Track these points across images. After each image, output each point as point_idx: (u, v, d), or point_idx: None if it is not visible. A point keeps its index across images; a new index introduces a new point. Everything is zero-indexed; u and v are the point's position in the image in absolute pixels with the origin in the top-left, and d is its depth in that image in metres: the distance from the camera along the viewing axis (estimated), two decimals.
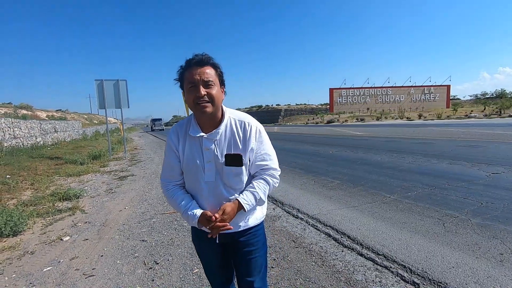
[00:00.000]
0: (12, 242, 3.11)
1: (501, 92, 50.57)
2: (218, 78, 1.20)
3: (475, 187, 4.34)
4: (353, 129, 20.78)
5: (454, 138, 11.10)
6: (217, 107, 1.19)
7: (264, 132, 1.30)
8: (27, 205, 4.38)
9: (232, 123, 1.25)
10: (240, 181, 1.24)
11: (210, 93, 1.15)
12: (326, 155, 8.69)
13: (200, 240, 1.33)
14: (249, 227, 1.30)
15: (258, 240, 1.34)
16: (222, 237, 1.27)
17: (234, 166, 1.21)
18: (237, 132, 1.23)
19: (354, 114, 48.48)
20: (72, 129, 21.01)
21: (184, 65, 1.19)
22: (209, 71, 1.16)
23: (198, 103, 1.14)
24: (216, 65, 1.20)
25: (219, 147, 1.22)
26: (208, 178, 1.22)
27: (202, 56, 1.17)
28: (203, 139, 1.22)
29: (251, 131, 1.25)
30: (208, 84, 1.15)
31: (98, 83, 10.15)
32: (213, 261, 1.38)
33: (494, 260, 2.34)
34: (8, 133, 11.85)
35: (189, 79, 1.15)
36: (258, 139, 1.26)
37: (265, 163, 1.28)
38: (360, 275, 2.25)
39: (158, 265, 2.54)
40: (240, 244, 1.30)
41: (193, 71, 1.15)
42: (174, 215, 3.86)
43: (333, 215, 3.58)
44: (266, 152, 1.29)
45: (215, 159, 1.21)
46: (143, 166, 8.38)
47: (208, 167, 1.21)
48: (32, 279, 2.39)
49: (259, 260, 1.34)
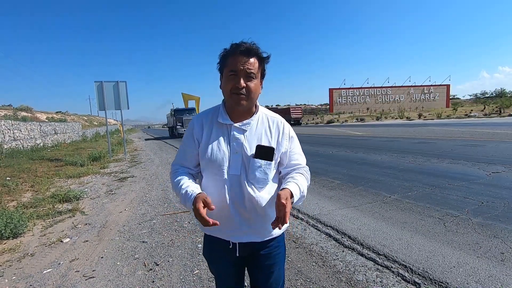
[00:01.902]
0: (12, 244, 3.10)
1: (501, 91, 50.65)
2: (260, 71, 1.13)
3: (475, 186, 4.34)
4: (353, 129, 20.78)
5: (454, 137, 11.10)
6: (252, 101, 1.14)
7: (295, 133, 1.26)
8: (27, 207, 4.38)
9: (264, 118, 1.19)
10: (266, 177, 1.14)
11: (249, 86, 1.08)
12: (326, 155, 8.69)
13: (216, 253, 1.23)
14: (272, 238, 1.19)
15: (280, 252, 1.24)
16: (242, 250, 1.17)
17: (263, 160, 1.12)
18: (270, 128, 1.18)
19: (354, 114, 48.51)
20: (72, 131, 21.03)
21: (229, 50, 1.10)
22: (253, 62, 1.09)
23: (235, 93, 1.08)
24: (262, 58, 1.12)
25: (249, 139, 1.14)
26: (233, 170, 1.11)
27: (251, 45, 1.09)
28: (233, 128, 1.14)
29: (284, 130, 1.20)
30: (250, 76, 1.08)
31: (98, 84, 10.15)
32: (230, 276, 1.25)
33: (495, 259, 2.34)
34: (8, 135, 11.86)
35: (231, 67, 1.08)
36: (291, 139, 1.22)
37: (298, 162, 1.23)
38: (361, 275, 2.24)
39: (159, 267, 2.53)
40: (261, 257, 1.20)
41: (238, 59, 1.07)
42: (174, 216, 3.86)
43: (333, 215, 3.58)
44: (299, 152, 1.25)
45: (243, 150, 1.12)
46: (143, 168, 8.38)
47: (234, 158, 1.12)
48: (32, 281, 2.39)
49: (279, 273, 1.25)
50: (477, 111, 34.24)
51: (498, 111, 31.90)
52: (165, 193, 5.13)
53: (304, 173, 1.21)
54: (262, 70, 1.14)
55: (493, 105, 36.82)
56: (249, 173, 1.12)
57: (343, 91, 57.49)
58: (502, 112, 30.61)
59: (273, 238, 1.20)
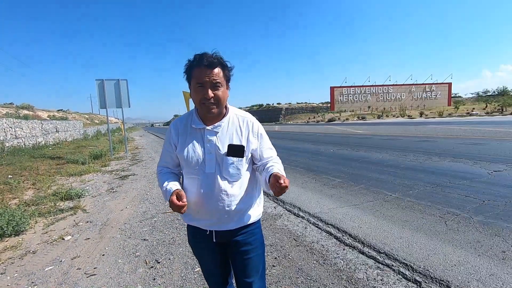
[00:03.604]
0: (14, 242, 3.12)
1: (503, 89, 50.33)
2: (225, 77, 1.22)
3: (477, 185, 4.32)
4: (354, 128, 20.74)
5: (456, 136, 11.06)
6: (222, 106, 1.23)
7: (263, 130, 1.36)
8: (29, 205, 4.40)
9: (234, 118, 1.29)
10: (239, 172, 1.26)
11: (217, 95, 1.18)
12: (327, 153, 8.68)
13: (197, 240, 1.34)
14: (245, 225, 1.30)
15: (256, 238, 1.34)
16: (219, 237, 1.28)
17: (235, 157, 1.22)
18: (240, 127, 1.28)
19: (355, 113, 48.38)
20: (74, 129, 21.06)
21: (194, 62, 1.17)
22: (217, 72, 1.17)
23: (205, 103, 1.18)
24: (225, 66, 1.21)
25: (221, 139, 1.24)
26: (208, 169, 1.22)
27: (213, 57, 1.16)
28: (206, 131, 1.24)
29: (253, 127, 1.30)
30: (216, 86, 1.17)
31: (99, 82, 10.16)
32: (210, 261, 1.37)
33: (496, 257, 2.33)
34: (10, 133, 11.89)
35: (197, 79, 1.16)
36: (259, 136, 1.32)
37: (269, 155, 1.34)
38: (362, 274, 2.25)
39: (160, 264, 2.54)
40: (237, 244, 1.30)
41: (203, 72, 1.15)
42: (175, 214, 3.87)
43: (334, 213, 3.57)
44: (270, 147, 1.36)
45: (216, 150, 1.23)
46: (144, 166, 8.39)
47: (208, 158, 1.22)
48: (34, 278, 2.40)
49: (257, 259, 1.33)
50: (479, 110, 34.11)
51: (500, 110, 31.77)
52: None
53: (278, 161, 1.33)
54: (226, 76, 1.23)
55: (495, 104, 36.64)
56: (223, 170, 1.23)
57: (344, 89, 57.29)
58: (504, 111, 30.49)
59: (247, 225, 1.31)
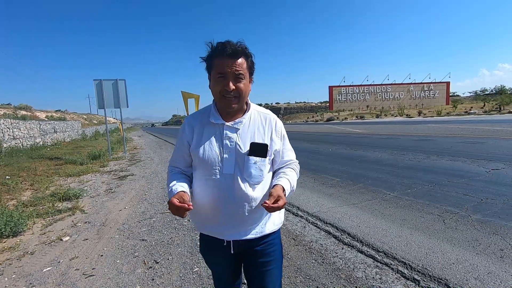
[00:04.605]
0: (12, 243, 3.10)
1: (501, 88, 50.54)
2: (248, 69, 1.12)
3: (475, 183, 4.34)
4: (353, 127, 20.77)
5: (454, 134, 11.10)
6: (243, 101, 1.14)
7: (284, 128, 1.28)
8: (27, 205, 4.38)
9: (256, 115, 1.20)
10: (261, 174, 1.14)
11: (239, 87, 1.08)
12: (326, 152, 8.68)
13: (212, 253, 1.25)
14: (265, 234, 1.19)
15: (275, 249, 1.23)
16: (236, 247, 1.17)
17: (257, 157, 1.12)
18: (262, 125, 1.18)
19: (353, 112, 48.46)
20: (72, 129, 21.01)
21: (216, 50, 1.08)
22: (241, 62, 1.08)
23: (225, 96, 1.09)
24: (249, 56, 1.11)
25: (242, 137, 1.13)
26: (226, 170, 1.11)
27: (237, 46, 1.07)
28: (225, 127, 1.14)
29: (277, 126, 1.21)
30: (239, 77, 1.08)
31: (97, 83, 10.12)
32: (225, 273, 1.27)
33: (495, 256, 2.34)
34: (8, 134, 11.84)
35: (219, 69, 1.07)
36: (282, 136, 1.23)
37: (289, 158, 1.26)
38: (360, 272, 2.25)
39: (158, 264, 2.54)
40: (255, 254, 1.19)
41: (225, 62, 1.06)
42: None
43: (333, 212, 3.58)
44: (290, 148, 1.28)
45: (236, 149, 1.11)
46: (143, 166, 8.37)
47: (227, 158, 1.11)
48: (32, 279, 2.39)
49: (275, 273, 1.22)
50: (477, 108, 34.25)
51: (498, 108, 31.89)
52: (164, 191, 5.12)
53: (295, 168, 1.26)
54: (250, 68, 1.13)
55: (493, 102, 36.78)
56: (244, 171, 1.11)
57: (342, 88, 57.38)
58: (502, 109, 30.61)
59: (268, 235, 1.20)
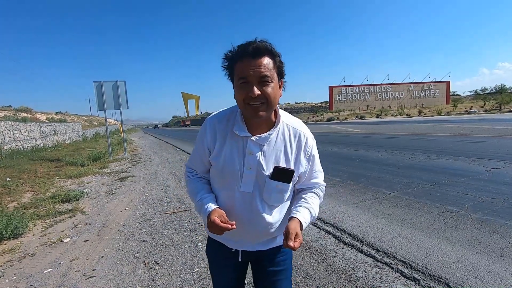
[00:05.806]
0: (12, 245, 3.11)
1: (501, 87, 50.56)
2: (276, 70, 0.96)
3: (475, 182, 4.34)
4: (353, 127, 20.77)
5: (454, 134, 11.09)
6: (272, 109, 0.98)
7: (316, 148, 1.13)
8: (27, 207, 4.38)
9: (285, 130, 1.05)
10: (282, 198, 1.06)
11: (266, 92, 0.92)
12: (326, 152, 8.68)
13: (218, 258, 1.18)
14: (277, 246, 1.13)
15: (286, 258, 1.16)
16: (245, 256, 1.12)
17: (280, 182, 1.01)
18: (290, 143, 1.04)
19: (353, 112, 48.46)
20: (72, 131, 21.04)
21: (235, 53, 0.94)
22: (266, 62, 0.92)
23: (250, 104, 0.93)
24: (275, 54, 0.95)
25: (266, 156, 1.01)
26: (244, 188, 1.02)
27: (259, 43, 0.92)
28: (249, 141, 1.01)
29: (307, 144, 1.07)
30: (264, 80, 0.92)
31: (97, 84, 10.13)
32: (229, 279, 1.19)
33: (495, 254, 2.34)
34: (8, 136, 11.86)
35: (240, 73, 0.93)
36: (312, 157, 1.09)
37: (317, 180, 1.13)
38: (361, 272, 2.25)
39: (159, 265, 2.54)
40: (264, 261, 1.14)
41: (246, 63, 0.91)
42: (174, 215, 3.86)
43: (333, 212, 3.58)
44: (319, 169, 1.14)
45: (258, 168, 1.00)
46: (143, 167, 8.38)
47: (247, 175, 1.01)
48: (33, 281, 2.39)
49: (285, 283, 1.15)
50: (477, 108, 34.23)
51: (498, 107, 31.88)
52: (165, 192, 5.13)
53: (319, 192, 1.14)
54: (278, 69, 0.97)
55: (493, 101, 36.79)
56: (264, 193, 1.03)
57: (342, 88, 57.42)
58: (502, 108, 30.59)
59: (278, 247, 1.15)
